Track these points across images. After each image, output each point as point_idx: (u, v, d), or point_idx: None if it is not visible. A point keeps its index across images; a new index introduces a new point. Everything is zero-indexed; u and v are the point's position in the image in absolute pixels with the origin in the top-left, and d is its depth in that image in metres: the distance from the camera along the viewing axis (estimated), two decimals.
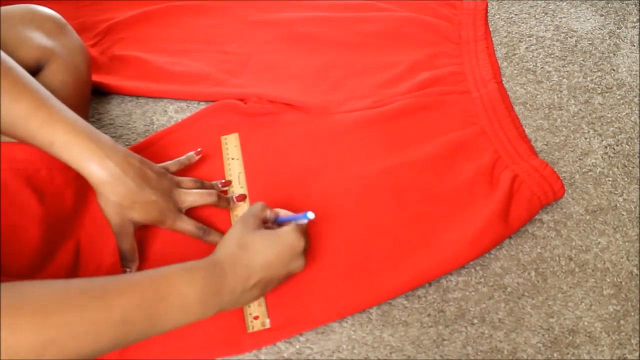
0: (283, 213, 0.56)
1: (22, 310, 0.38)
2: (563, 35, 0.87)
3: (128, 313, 0.42)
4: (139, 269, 0.59)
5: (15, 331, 0.37)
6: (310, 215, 0.51)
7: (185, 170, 0.65)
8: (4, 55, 0.51)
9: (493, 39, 0.86)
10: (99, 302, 0.41)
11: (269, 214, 0.55)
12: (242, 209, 0.64)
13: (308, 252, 0.56)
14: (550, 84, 0.81)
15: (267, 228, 0.53)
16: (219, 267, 0.48)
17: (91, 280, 0.43)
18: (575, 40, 0.86)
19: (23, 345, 0.37)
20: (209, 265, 0.48)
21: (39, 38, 0.63)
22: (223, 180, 0.66)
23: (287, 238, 0.51)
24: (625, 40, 0.86)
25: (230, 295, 0.48)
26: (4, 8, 0.63)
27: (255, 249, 0.50)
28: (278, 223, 0.55)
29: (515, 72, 0.82)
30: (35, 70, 0.61)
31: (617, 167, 0.72)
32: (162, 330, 0.45)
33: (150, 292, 0.44)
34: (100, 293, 0.41)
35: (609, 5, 0.91)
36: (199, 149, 0.66)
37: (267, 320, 0.57)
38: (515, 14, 0.90)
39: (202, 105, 0.76)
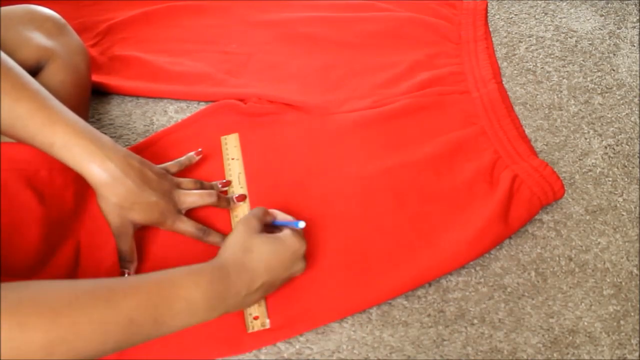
0: (280, 216, 0.57)
1: (32, 309, 0.38)
2: (563, 35, 0.87)
3: (135, 315, 0.42)
4: (138, 269, 0.59)
5: (25, 330, 0.37)
6: (301, 224, 0.53)
7: (185, 170, 0.65)
8: (4, 56, 0.51)
9: (493, 39, 0.86)
10: (106, 303, 0.41)
11: (269, 218, 0.56)
12: (242, 209, 0.64)
13: (307, 252, 0.56)
14: (550, 84, 0.81)
15: (265, 231, 0.54)
16: (224, 271, 0.49)
17: (98, 282, 0.43)
18: (575, 40, 0.86)
19: (33, 344, 0.37)
20: (214, 269, 0.48)
21: (39, 38, 0.63)
22: (223, 181, 0.66)
23: (289, 242, 0.52)
24: (625, 40, 0.86)
25: (235, 298, 0.49)
26: (3, 8, 0.62)
27: (259, 253, 0.51)
28: (274, 226, 0.56)
29: (515, 72, 0.82)
30: (35, 71, 0.61)
31: (617, 167, 0.72)
32: (168, 331, 0.45)
33: (156, 294, 0.44)
34: (107, 294, 0.42)
35: (609, 5, 0.91)
36: (199, 149, 0.66)
37: (267, 321, 0.57)
38: (515, 14, 0.90)
39: (202, 105, 0.76)
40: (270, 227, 0.56)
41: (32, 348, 0.37)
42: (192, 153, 0.66)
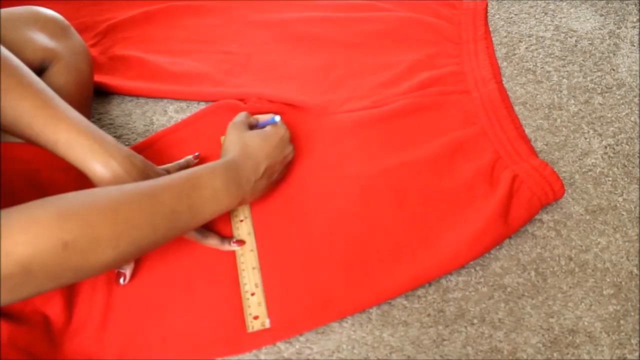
0: (261, 118, 0.66)
1: (97, 208, 0.44)
2: (563, 35, 0.87)
3: (174, 204, 0.49)
4: (136, 271, 0.59)
5: (95, 226, 0.43)
6: (277, 118, 0.63)
7: None
8: (10, 54, 0.52)
9: (493, 39, 0.86)
10: (150, 198, 0.48)
11: (252, 120, 0.65)
12: (241, 208, 0.64)
13: (307, 252, 0.56)
14: (550, 84, 0.81)
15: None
16: (233, 163, 0.56)
17: (137, 184, 0.49)
18: (575, 40, 0.86)
19: (102, 239, 0.43)
20: (225, 162, 0.56)
21: (43, 39, 0.63)
22: None
23: (275, 130, 0.62)
24: (625, 40, 0.86)
25: (248, 183, 0.57)
26: (6, 9, 0.63)
27: (254, 144, 0.59)
28: (259, 127, 0.64)
29: (515, 72, 0.82)
30: (38, 71, 0.61)
31: (617, 167, 0.72)
32: (201, 220, 0.53)
33: (187, 185, 0.51)
34: (150, 190, 0.48)
35: (609, 5, 0.91)
36: (196, 153, 0.67)
37: (267, 320, 0.57)
38: (515, 14, 0.90)
39: (202, 105, 0.76)
40: (256, 128, 0.64)
41: (102, 241, 0.43)
42: (190, 156, 0.66)
